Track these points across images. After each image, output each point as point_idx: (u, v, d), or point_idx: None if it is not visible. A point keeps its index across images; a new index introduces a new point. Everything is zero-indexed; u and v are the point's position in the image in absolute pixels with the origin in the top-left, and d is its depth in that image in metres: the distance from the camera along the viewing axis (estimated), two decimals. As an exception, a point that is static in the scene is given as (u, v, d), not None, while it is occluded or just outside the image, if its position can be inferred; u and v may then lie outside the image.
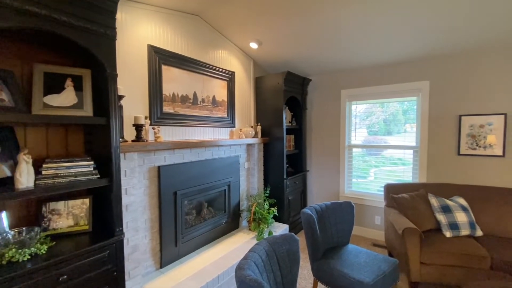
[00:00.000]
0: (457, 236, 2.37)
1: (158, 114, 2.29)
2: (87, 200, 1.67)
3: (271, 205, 3.37)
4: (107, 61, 1.53)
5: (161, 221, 2.25)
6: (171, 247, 2.35)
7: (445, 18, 2.28)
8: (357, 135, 3.66)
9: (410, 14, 2.28)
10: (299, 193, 3.78)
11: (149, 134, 2.17)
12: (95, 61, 1.54)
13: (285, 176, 3.38)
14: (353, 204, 2.44)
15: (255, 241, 2.83)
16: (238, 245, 2.74)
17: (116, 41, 1.58)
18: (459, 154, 2.88)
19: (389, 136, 3.44)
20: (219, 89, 2.94)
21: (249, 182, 3.39)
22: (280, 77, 3.30)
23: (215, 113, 2.88)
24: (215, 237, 2.85)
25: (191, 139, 2.56)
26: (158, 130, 2.15)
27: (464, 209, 2.46)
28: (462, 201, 2.56)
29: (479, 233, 2.40)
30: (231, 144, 2.86)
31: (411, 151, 3.24)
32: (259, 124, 3.47)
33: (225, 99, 3.03)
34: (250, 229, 3.09)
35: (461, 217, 2.40)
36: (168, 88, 2.38)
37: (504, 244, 2.24)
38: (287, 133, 3.78)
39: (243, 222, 3.29)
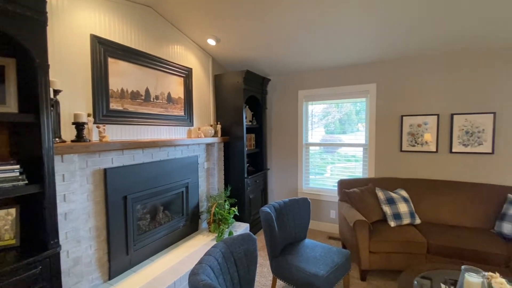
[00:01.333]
0: (400, 225, 2.61)
1: (104, 112, 2.09)
2: (13, 210, 1.44)
3: (231, 205, 3.33)
4: (36, 49, 1.33)
5: (108, 229, 2.06)
6: (122, 256, 2.17)
7: (390, 28, 2.49)
8: (315, 134, 3.82)
9: (361, 23, 2.44)
10: (260, 192, 3.81)
11: (93, 133, 1.97)
12: (21, 49, 1.33)
13: (245, 175, 3.37)
14: (309, 200, 2.53)
15: (215, 243, 2.77)
16: (197, 248, 2.65)
17: (50, 28, 1.39)
18: (401, 150, 3.19)
19: (344, 135, 3.65)
20: (175, 86, 2.80)
21: (209, 183, 3.30)
22: (240, 76, 3.28)
23: (170, 111, 2.74)
24: (173, 241, 2.72)
25: (143, 139, 2.39)
26: (104, 129, 1.96)
27: (405, 200, 2.73)
28: (404, 193, 2.83)
29: (418, 221, 2.68)
30: (189, 143, 2.75)
31: (361, 149, 3.48)
32: (219, 123, 3.40)
33: (182, 96, 2.90)
34: (210, 231, 3.02)
35: (403, 208, 2.65)
36: (116, 83, 2.18)
37: (438, 230, 2.54)
38: (247, 132, 3.78)
39: (203, 224, 3.19)
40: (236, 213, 3.08)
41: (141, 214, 2.46)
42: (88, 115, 1.92)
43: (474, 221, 2.61)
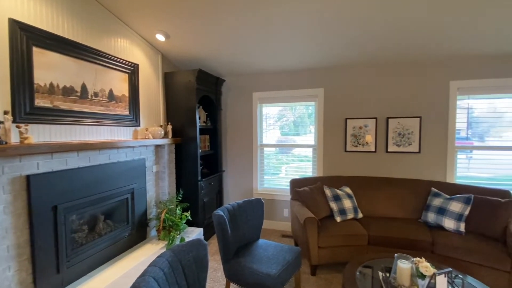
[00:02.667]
0: (345, 220, 2.81)
1: (27, 109, 1.79)
2: None
3: (184, 210, 3.19)
4: None
5: (33, 246, 1.77)
6: (51, 275, 1.89)
7: (333, 38, 2.67)
8: (272, 135, 3.90)
9: (308, 32, 2.56)
10: (215, 194, 3.72)
11: (12, 134, 1.67)
12: None
13: (199, 178, 3.26)
14: (263, 201, 2.56)
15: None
16: (144, 258, 2.46)
17: None
18: (345, 151, 3.45)
19: (298, 136, 3.80)
20: (118, 82, 2.56)
21: (159, 187, 3.10)
22: (192, 75, 3.16)
23: (113, 110, 2.50)
24: (116, 253, 2.47)
25: (79, 140, 2.13)
26: (26, 129, 1.68)
27: (349, 196, 2.95)
28: (348, 190, 3.05)
29: (360, 215, 2.92)
30: (135, 145, 2.54)
31: (311, 149, 3.67)
32: (169, 123, 3.23)
33: (127, 94, 2.67)
34: (159, 239, 2.83)
35: (347, 204, 2.86)
36: (43, 77, 1.89)
37: (377, 222, 2.80)
38: (201, 133, 3.67)
39: (152, 232, 2.98)
40: (189, 218, 2.95)
41: (76, 226, 2.18)
42: (5, 113, 1.62)
43: (406, 212, 2.95)
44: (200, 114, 3.61)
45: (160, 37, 2.83)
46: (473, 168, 3.16)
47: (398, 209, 2.98)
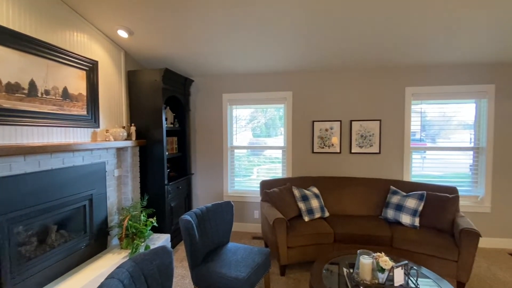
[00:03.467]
0: (313, 219, 2.89)
1: (-40, 107, 1.57)
2: None
3: (149, 216, 3.04)
4: None
5: (-33, 263, 1.55)
6: (-10, 296, 1.67)
7: (301, 43, 2.75)
8: (243, 137, 3.88)
9: (275, 37, 2.60)
10: (183, 198, 3.60)
11: None
12: None
13: (166, 182, 3.13)
14: (232, 203, 2.53)
15: (127, 260, 2.45)
16: (104, 270, 2.29)
17: None
18: (313, 152, 3.56)
19: (269, 138, 3.84)
20: (74, 80, 2.36)
21: (121, 193, 2.92)
22: (158, 74, 3.03)
23: (68, 110, 2.29)
24: (73, 265, 2.27)
25: (27, 143, 1.92)
26: (-42, 130, 1.47)
27: (317, 196, 3.04)
28: (315, 190, 3.15)
29: (326, 214, 3.03)
30: (93, 148, 2.36)
31: (281, 151, 3.73)
32: (133, 124, 3.05)
33: (84, 92, 2.47)
34: (122, 248, 2.66)
35: (315, 203, 2.95)
36: (-19, 71, 1.67)
37: (342, 220, 2.92)
38: (168, 135, 3.53)
39: (114, 241, 2.79)
40: (155, 224, 2.81)
41: (23, 238, 1.95)
42: None
43: (368, 210, 3.13)
44: (167, 115, 3.48)
45: (123, 34, 2.67)
46: (426, 167, 3.45)
47: (361, 207, 3.14)
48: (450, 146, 3.37)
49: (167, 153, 3.26)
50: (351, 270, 1.93)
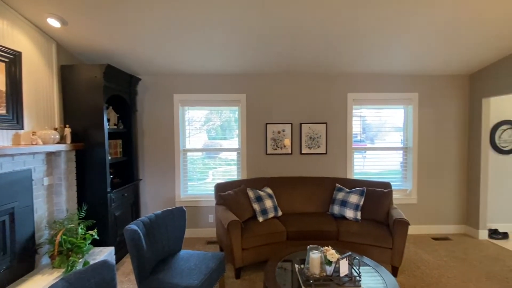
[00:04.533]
0: (267, 219, 2.95)
1: None
2: None
3: (88, 228, 2.72)
4: None
5: None
6: None
7: (252, 47, 2.80)
8: (198, 139, 3.76)
9: (228, 38, 2.60)
10: (129, 206, 3.32)
11: None
12: None
13: (109, 189, 2.84)
14: (185, 209, 2.43)
15: (61, 281, 2.14)
16: (30, 294, 1.96)
17: None
18: (266, 154, 3.65)
19: (225, 140, 3.79)
20: (-12, 73, 1.98)
21: (53, 204, 2.55)
22: (99, 70, 2.75)
23: (-21, 108, 1.91)
24: (-16, 295, 1.89)
25: None
26: None
27: (270, 196, 3.12)
28: (269, 190, 3.23)
29: (280, 213, 3.13)
30: (14, 153, 2.01)
31: (236, 153, 3.73)
32: (68, 126, 2.70)
33: (3, 88, 2.10)
34: (54, 267, 2.32)
35: (268, 204, 3.02)
36: None
37: (294, 218, 3.04)
38: (112, 138, 3.23)
39: (44, 259, 2.42)
40: (96, 237, 2.53)
41: None
42: None
43: (317, 207, 3.32)
44: (110, 116, 3.18)
45: (54, 23, 2.35)
46: (366, 165, 3.83)
47: (311, 204, 3.33)
48: (385, 146, 3.81)
49: (109, 157, 2.98)
50: (302, 266, 2.02)
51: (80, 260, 2.38)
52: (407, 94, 3.70)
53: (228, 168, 3.80)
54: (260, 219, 2.90)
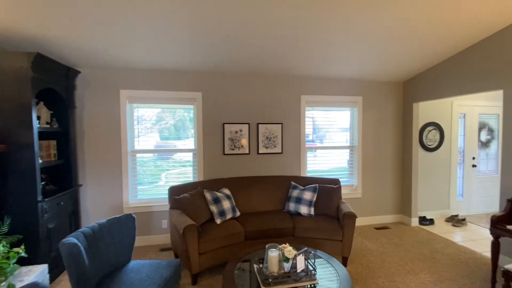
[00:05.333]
0: (225, 221, 2.90)
1: None
2: None
3: (13, 245, 2.30)
4: None
5: None
6: None
7: (207, 44, 2.72)
8: (149, 139, 3.48)
9: (182, 32, 2.47)
10: (67, 217, 2.92)
11: None
12: None
13: (40, 198, 2.45)
14: (134, 216, 2.23)
15: (-27, 312, 1.77)
16: None
17: None
18: (224, 154, 3.59)
19: (179, 141, 3.59)
20: None
21: (-38, 219, 2.09)
22: (25, 59, 2.35)
23: None
24: None
25: None
26: None
27: (228, 197, 3.07)
28: (227, 191, 3.18)
29: (238, 214, 3.10)
30: None
31: (191, 154, 3.58)
32: (-17, 124, 2.25)
33: None
34: (-37, 296, 1.90)
35: (226, 205, 2.97)
36: None
37: (252, 218, 3.05)
38: (43, 138, 2.80)
39: None
40: (23, 254, 2.15)
41: None
42: None
43: (274, 205, 3.39)
44: (41, 113, 2.75)
45: (-39, -2, 1.93)
46: (317, 163, 4.06)
47: (268, 203, 3.38)
48: (334, 145, 4.09)
49: (40, 161, 2.57)
50: (261, 265, 2.02)
51: (3, 283, 2.00)
52: (353, 97, 4.03)
53: (183, 170, 3.63)
54: (218, 221, 2.83)
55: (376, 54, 3.18)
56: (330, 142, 4.10)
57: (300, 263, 1.91)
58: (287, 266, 1.90)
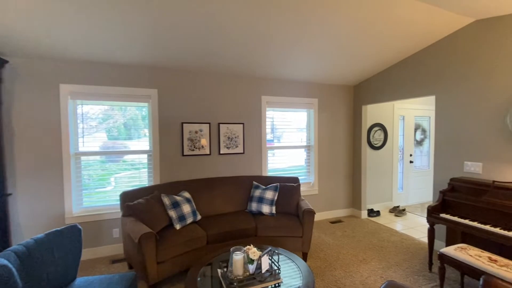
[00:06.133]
0: (185, 226, 2.77)
1: None
2: None
3: None
4: None
5: None
6: None
7: (163, 36, 2.55)
8: (94, 140, 3.12)
9: (125, 19, 2.27)
10: (-10, 232, 2.46)
11: None
12: None
13: (-48, 213, 2.01)
14: (80, 227, 1.98)
15: None
16: None
17: None
18: (183, 155, 3.43)
19: (130, 141, 3.30)
20: None
21: None
22: None
23: None
24: None
25: None
26: None
27: (188, 201, 2.94)
28: (187, 194, 3.04)
29: (199, 217, 2.99)
30: None
31: (146, 155, 3.33)
32: None
33: None
34: None
35: (186, 209, 2.84)
36: None
37: (214, 220, 2.97)
38: (-45, 141, 2.30)
39: None
40: None
41: None
42: None
43: (236, 206, 3.36)
44: (-47, 110, 2.26)
45: None
46: (278, 162, 4.15)
47: (230, 204, 3.34)
48: (292, 145, 4.23)
49: (-47, 168, 2.11)
50: (225, 269, 1.98)
51: None
52: (309, 99, 4.22)
53: (136, 173, 3.36)
54: (178, 226, 2.69)
55: (330, 59, 3.38)
56: (288, 142, 4.23)
57: (265, 263, 1.92)
58: (252, 267, 1.89)
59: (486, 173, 2.71)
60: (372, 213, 4.50)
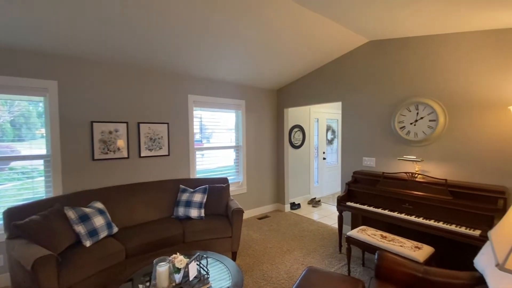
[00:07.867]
0: (97, 241, 2.39)
1: None
2: None
3: None
4: None
5: None
6: None
7: (65, 15, 2.14)
8: None
9: None
10: None
11: None
12: None
13: None
14: None
15: None
16: None
17: None
18: (93, 159, 2.95)
19: (21, 143, 2.62)
20: None
21: None
22: None
23: None
24: None
25: None
26: None
27: (101, 212, 2.55)
28: (99, 205, 2.64)
29: (115, 230, 2.63)
30: None
31: (43, 161, 2.72)
32: None
33: None
34: None
35: (99, 222, 2.46)
36: None
37: (134, 231, 2.67)
38: None
39: None
40: None
41: None
42: None
43: (161, 212, 3.12)
44: None
45: None
46: (206, 163, 4.06)
47: (154, 212, 3.07)
48: (221, 145, 4.22)
49: None
50: (148, 284, 1.80)
51: None
52: (238, 100, 4.30)
53: (28, 184, 2.71)
54: (87, 243, 2.30)
55: (253, 63, 3.52)
56: (217, 142, 4.20)
57: (193, 270, 1.84)
58: (178, 277, 1.79)
59: (379, 166, 3.33)
60: (294, 206, 4.93)
